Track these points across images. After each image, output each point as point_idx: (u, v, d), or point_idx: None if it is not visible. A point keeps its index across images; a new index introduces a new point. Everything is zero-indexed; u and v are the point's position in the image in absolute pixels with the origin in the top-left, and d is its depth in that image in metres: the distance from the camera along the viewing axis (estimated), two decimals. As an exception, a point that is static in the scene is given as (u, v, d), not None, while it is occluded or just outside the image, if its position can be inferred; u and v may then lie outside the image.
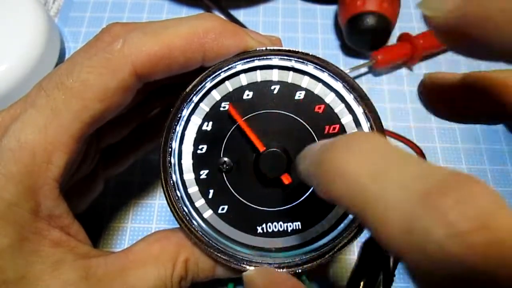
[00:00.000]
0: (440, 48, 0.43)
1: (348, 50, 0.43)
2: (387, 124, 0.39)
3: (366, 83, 0.42)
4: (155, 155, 0.24)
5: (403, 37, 0.42)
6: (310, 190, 0.24)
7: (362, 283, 0.27)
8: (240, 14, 0.45)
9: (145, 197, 0.35)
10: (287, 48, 0.24)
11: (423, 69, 0.43)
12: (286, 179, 0.23)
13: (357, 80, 0.41)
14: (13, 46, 0.36)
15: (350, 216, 0.23)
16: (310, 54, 0.23)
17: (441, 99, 0.21)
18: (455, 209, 0.12)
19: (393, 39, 0.43)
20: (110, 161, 0.31)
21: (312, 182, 0.17)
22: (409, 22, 0.46)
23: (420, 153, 0.33)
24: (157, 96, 0.30)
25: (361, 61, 0.42)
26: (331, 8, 0.46)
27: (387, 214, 0.13)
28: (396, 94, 0.41)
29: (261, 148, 0.23)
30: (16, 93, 0.30)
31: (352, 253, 0.33)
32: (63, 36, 0.43)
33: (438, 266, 0.12)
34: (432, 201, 0.12)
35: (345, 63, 0.43)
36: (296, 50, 0.23)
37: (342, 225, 0.23)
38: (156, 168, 0.24)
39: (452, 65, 0.43)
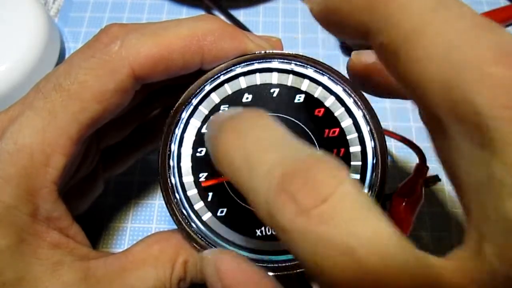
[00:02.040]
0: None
1: (348, 50, 0.43)
2: (387, 124, 0.39)
3: (366, 84, 0.42)
4: (155, 155, 0.24)
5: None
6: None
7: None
8: (240, 14, 0.45)
9: (145, 197, 0.35)
10: (286, 51, 0.23)
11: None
12: None
13: (357, 81, 0.41)
14: (13, 46, 0.36)
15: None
16: (310, 57, 0.23)
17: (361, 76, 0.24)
18: (301, 190, 0.13)
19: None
20: (110, 162, 0.31)
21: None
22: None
23: (420, 153, 0.33)
24: (157, 97, 0.30)
25: (362, 61, 0.41)
26: (332, 8, 0.46)
27: (255, 198, 0.15)
28: (396, 95, 0.41)
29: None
30: (16, 93, 0.30)
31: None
32: (63, 36, 0.43)
33: (294, 244, 0.13)
34: (286, 185, 0.14)
35: (345, 63, 0.42)
36: (296, 53, 0.23)
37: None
38: (156, 168, 0.24)
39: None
